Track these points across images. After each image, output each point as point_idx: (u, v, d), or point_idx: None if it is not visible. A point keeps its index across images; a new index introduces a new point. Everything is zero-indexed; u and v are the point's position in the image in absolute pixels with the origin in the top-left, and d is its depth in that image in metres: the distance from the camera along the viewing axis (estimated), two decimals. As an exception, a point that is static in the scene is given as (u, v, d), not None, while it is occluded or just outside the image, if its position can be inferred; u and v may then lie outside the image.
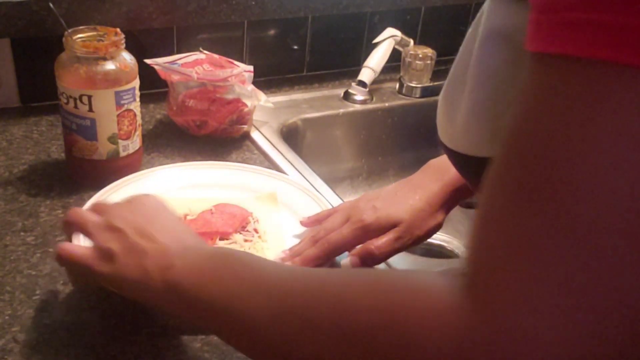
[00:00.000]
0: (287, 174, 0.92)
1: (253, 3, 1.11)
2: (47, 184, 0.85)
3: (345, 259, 0.69)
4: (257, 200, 0.82)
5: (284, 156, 0.98)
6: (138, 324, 0.64)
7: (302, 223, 0.75)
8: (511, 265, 0.31)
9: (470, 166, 0.47)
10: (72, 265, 0.58)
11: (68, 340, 0.61)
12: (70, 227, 0.61)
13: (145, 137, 0.92)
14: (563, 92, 0.31)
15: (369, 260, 0.67)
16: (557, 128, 0.31)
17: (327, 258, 0.67)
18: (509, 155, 0.33)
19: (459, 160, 0.48)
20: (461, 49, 0.47)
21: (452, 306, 0.32)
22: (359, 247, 0.68)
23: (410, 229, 0.68)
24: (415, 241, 0.69)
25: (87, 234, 0.58)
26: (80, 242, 0.61)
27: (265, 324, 0.41)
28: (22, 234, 0.75)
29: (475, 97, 0.43)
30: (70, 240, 0.62)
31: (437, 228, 0.70)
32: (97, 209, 0.61)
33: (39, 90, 1.03)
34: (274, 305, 0.41)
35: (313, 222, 0.74)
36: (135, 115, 0.84)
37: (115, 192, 0.80)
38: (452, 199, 0.70)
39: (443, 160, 0.71)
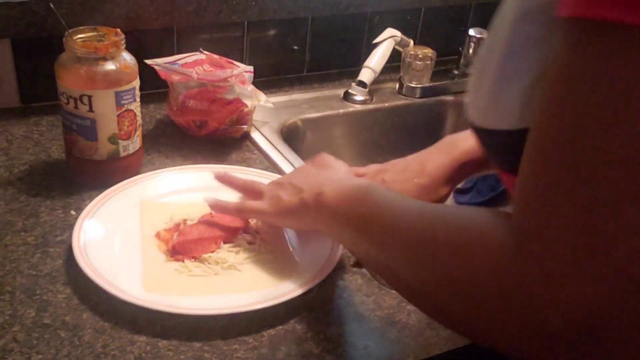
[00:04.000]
0: (283, 174, 0.92)
1: (253, 3, 1.11)
2: (47, 184, 0.85)
3: None
4: None
5: (284, 156, 0.98)
6: (138, 324, 0.64)
7: None
8: (541, 216, 0.37)
9: (494, 141, 0.50)
10: (250, 214, 0.75)
11: (68, 340, 0.61)
12: (248, 192, 0.77)
13: (145, 137, 0.92)
14: (596, 56, 0.34)
15: None
16: (590, 96, 0.35)
17: None
18: (543, 116, 0.38)
19: (485, 136, 0.50)
20: (494, 24, 0.50)
21: (500, 243, 0.40)
22: None
23: None
24: None
25: (261, 192, 0.74)
26: (80, 240, 0.66)
27: (378, 241, 0.53)
28: (22, 234, 0.75)
29: (507, 68, 0.47)
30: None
31: (440, 201, 0.76)
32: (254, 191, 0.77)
33: (39, 91, 1.03)
34: (385, 231, 0.53)
35: None
36: (135, 115, 0.84)
37: (112, 197, 0.80)
38: (459, 174, 0.76)
39: (456, 136, 0.77)
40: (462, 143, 0.75)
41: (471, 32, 1.23)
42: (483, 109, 0.49)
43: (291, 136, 1.09)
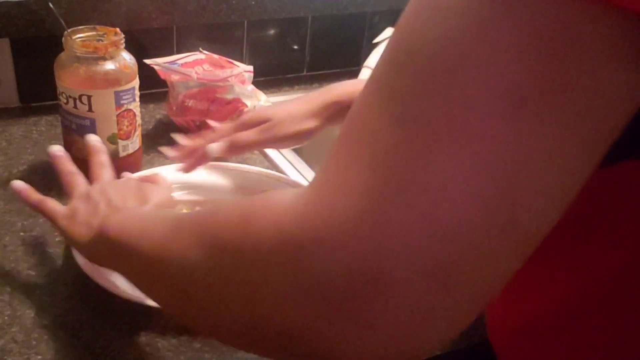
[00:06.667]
0: (286, 174, 0.92)
1: (253, 3, 1.10)
2: (47, 184, 0.85)
3: (213, 144, 0.77)
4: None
5: (284, 156, 0.97)
6: (138, 324, 0.63)
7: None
8: (334, 158, 0.32)
9: None
10: (43, 214, 0.66)
11: (68, 341, 0.61)
12: (62, 178, 0.69)
13: (145, 137, 0.91)
14: None
15: (232, 146, 0.76)
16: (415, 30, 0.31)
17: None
18: (382, 59, 0.33)
19: None
20: None
21: (286, 203, 0.33)
22: (226, 131, 0.79)
23: (276, 126, 0.76)
24: (281, 138, 0.77)
25: (69, 194, 0.66)
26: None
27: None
28: (21, 234, 0.75)
29: None
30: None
31: (307, 133, 0.78)
32: (93, 174, 0.69)
33: (38, 90, 1.03)
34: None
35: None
36: (135, 115, 0.84)
37: None
38: (331, 111, 0.78)
39: (340, 83, 0.81)
40: (337, 88, 0.79)
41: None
42: None
43: (291, 136, 1.08)
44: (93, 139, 0.74)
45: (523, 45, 0.27)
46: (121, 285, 0.66)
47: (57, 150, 0.71)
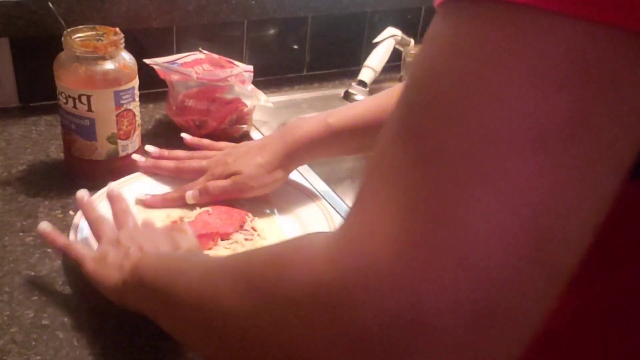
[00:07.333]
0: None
1: (253, 3, 1.10)
2: (46, 184, 0.85)
3: (189, 191, 0.81)
4: (248, 198, 0.82)
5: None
6: (138, 326, 0.63)
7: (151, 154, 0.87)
8: (365, 198, 0.31)
9: None
10: (70, 257, 0.66)
11: (67, 342, 0.61)
12: (90, 225, 0.69)
13: (144, 137, 0.91)
14: (459, 34, 0.30)
15: (204, 194, 0.79)
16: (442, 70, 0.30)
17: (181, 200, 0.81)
18: (400, 99, 0.32)
19: None
20: None
21: (319, 250, 0.32)
22: (201, 181, 0.81)
23: (246, 180, 0.79)
24: (250, 190, 0.80)
25: (97, 241, 0.66)
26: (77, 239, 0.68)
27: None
28: (20, 234, 0.75)
29: None
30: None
31: (274, 183, 0.80)
32: (118, 221, 0.69)
33: (38, 90, 1.03)
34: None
35: (165, 156, 0.87)
36: (134, 115, 0.84)
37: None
38: (293, 160, 0.80)
39: (295, 122, 0.81)
40: (297, 130, 0.79)
41: (471, 31, 1.23)
42: None
43: (291, 136, 1.08)
44: (111, 188, 0.74)
45: (538, 76, 0.27)
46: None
47: (83, 196, 0.72)
